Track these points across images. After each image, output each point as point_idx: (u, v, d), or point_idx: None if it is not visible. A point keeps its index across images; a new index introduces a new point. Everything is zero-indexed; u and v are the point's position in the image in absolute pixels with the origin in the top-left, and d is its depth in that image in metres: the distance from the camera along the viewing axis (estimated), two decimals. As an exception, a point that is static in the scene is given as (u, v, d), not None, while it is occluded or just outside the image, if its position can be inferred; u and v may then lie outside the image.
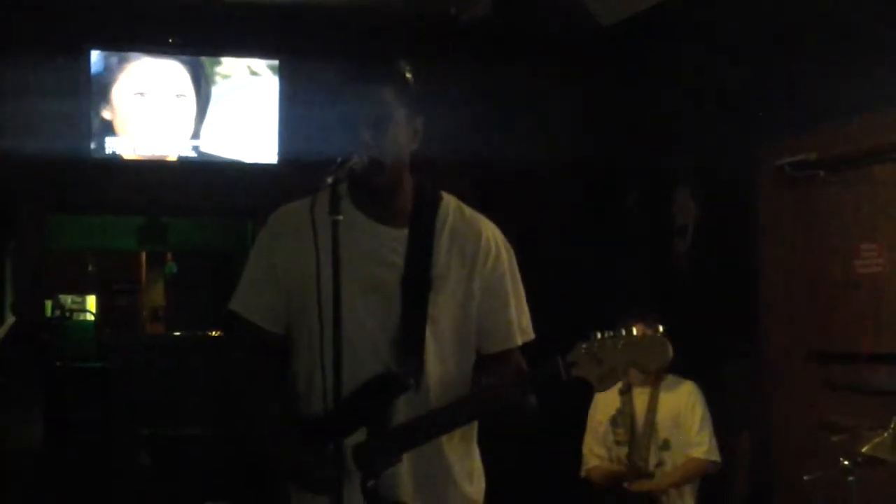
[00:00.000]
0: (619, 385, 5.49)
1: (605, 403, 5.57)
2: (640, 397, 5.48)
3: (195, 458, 6.89)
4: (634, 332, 2.54)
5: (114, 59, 6.51)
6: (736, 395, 6.16)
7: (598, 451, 5.56)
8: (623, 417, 5.48)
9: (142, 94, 6.57)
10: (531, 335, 2.88)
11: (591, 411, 5.65)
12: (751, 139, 6.18)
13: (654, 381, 5.47)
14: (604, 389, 2.59)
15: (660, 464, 5.38)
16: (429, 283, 2.73)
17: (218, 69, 6.73)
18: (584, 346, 2.57)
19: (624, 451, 5.43)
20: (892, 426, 4.17)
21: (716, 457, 5.38)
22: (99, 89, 6.49)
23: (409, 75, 2.74)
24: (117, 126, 6.53)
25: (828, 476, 4.36)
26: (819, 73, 5.68)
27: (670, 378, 5.51)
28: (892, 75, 5.22)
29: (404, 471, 2.69)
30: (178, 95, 6.64)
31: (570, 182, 7.31)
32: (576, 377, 2.57)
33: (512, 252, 2.88)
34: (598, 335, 2.56)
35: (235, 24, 6.69)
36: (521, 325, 2.86)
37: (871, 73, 5.33)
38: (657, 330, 2.55)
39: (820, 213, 5.69)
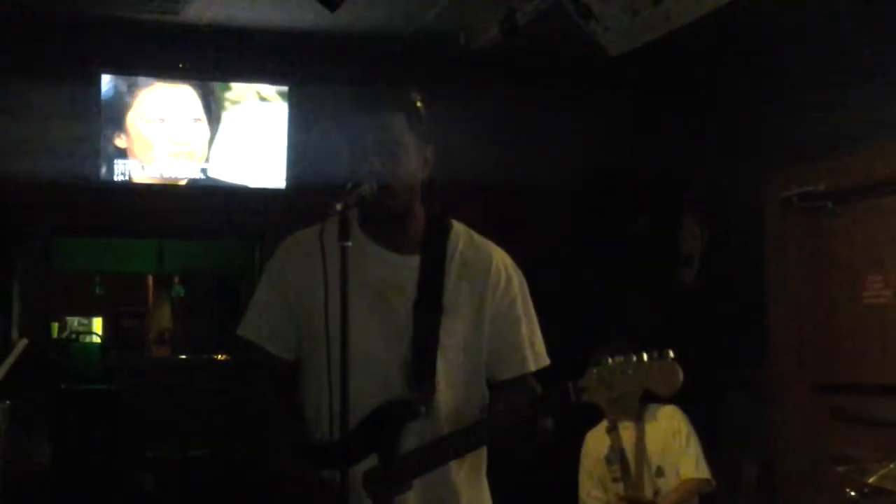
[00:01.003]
0: (606, 424, 5.52)
1: (595, 444, 5.57)
2: (627, 431, 5.47)
3: (199, 480, 6.89)
4: (645, 357, 2.54)
5: (124, 84, 6.54)
6: (742, 424, 6.15)
7: (595, 493, 5.54)
8: (615, 454, 5.47)
9: (162, 119, 6.61)
10: (546, 361, 2.87)
11: (583, 454, 5.64)
12: (758, 169, 6.19)
13: (638, 412, 5.48)
14: (615, 414, 2.61)
15: (657, 492, 5.36)
16: (440, 310, 2.73)
17: (227, 94, 6.76)
18: (595, 371, 2.58)
19: (621, 486, 5.42)
20: (898, 457, 4.16)
21: (706, 475, 5.35)
22: (111, 116, 6.51)
23: (419, 104, 2.75)
24: (132, 152, 6.56)
25: (833, 507, 4.35)
26: (827, 103, 5.69)
27: (652, 406, 5.51)
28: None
29: (413, 498, 2.69)
30: (195, 120, 6.68)
31: (577, 208, 7.32)
32: (586, 402, 2.58)
33: (523, 278, 2.89)
34: (609, 361, 2.57)
35: (245, 49, 6.72)
36: (534, 351, 2.86)
37: (880, 103, 5.34)
38: (667, 355, 2.55)
39: (827, 244, 5.70)
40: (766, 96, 6.18)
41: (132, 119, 6.55)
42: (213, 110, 6.72)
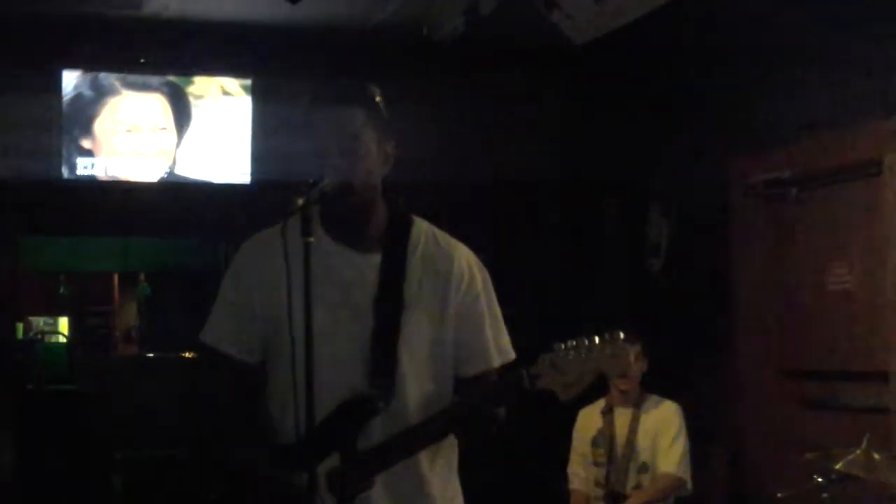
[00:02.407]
0: (602, 405, 5.50)
1: (586, 423, 5.56)
2: (622, 418, 5.45)
3: (168, 480, 6.84)
4: (596, 340, 2.57)
5: (90, 90, 6.49)
6: (710, 411, 6.17)
7: (579, 470, 5.53)
8: (603, 438, 5.45)
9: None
10: (511, 356, 2.87)
11: (575, 430, 5.63)
12: (723, 156, 6.21)
13: (636, 401, 5.46)
14: (568, 398, 2.61)
15: (638, 486, 5.34)
16: (401, 305, 2.72)
17: (191, 89, 6.72)
18: (547, 357, 2.59)
19: (601, 472, 5.40)
20: (864, 443, 4.19)
21: (685, 475, 5.33)
22: (78, 120, 6.47)
23: (378, 98, 2.74)
24: (97, 154, 6.53)
25: (801, 493, 4.37)
26: (791, 90, 5.72)
27: (653, 398, 5.49)
28: (863, 92, 5.26)
29: (382, 495, 2.67)
30: (161, 129, 6.64)
31: (545, 200, 7.32)
32: (540, 388, 2.58)
33: (486, 273, 2.88)
34: (562, 346, 2.58)
35: (208, 43, 6.68)
36: (499, 346, 2.85)
37: (843, 89, 5.37)
38: (617, 338, 2.58)
39: (792, 231, 5.72)
40: (729, 84, 6.20)
41: (99, 126, 6.53)
42: (181, 116, 6.68)
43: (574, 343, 2.58)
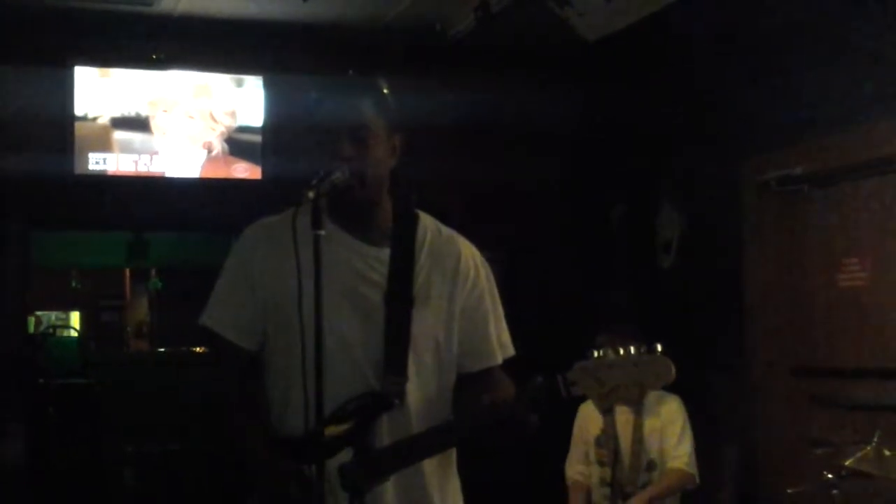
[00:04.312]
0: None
1: (587, 421, 5.50)
2: (624, 417, 5.38)
3: (179, 473, 6.87)
4: (632, 350, 2.53)
5: (102, 80, 6.53)
6: (721, 409, 6.17)
7: (578, 467, 5.50)
8: (606, 437, 5.39)
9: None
10: (511, 351, 2.87)
11: (575, 427, 5.59)
12: (735, 153, 6.20)
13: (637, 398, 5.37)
14: (605, 407, 2.58)
15: (646, 485, 5.31)
16: (411, 302, 2.71)
17: (201, 83, 6.74)
18: (583, 365, 2.55)
19: (607, 471, 5.36)
20: (875, 440, 4.18)
21: (694, 471, 5.30)
22: (89, 111, 6.50)
23: (386, 91, 2.74)
24: (108, 146, 6.55)
25: (812, 490, 4.36)
26: (803, 87, 5.70)
27: (654, 394, 5.41)
28: (876, 89, 5.25)
29: (390, 491, 2.67)
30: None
31: (555, 197, 7.32)
32: (576, 396, 2.56)
33: (489, 269, 2.87)
34: (597, 354, 2.54)
35: (220, 40, 6.70)
36: (501, 343, 2.85)
37: (855, 87, 5.35)
38: (656, 350, 2.53)
39: (804, 228, 5.71)
40: (742, 80, 6.18)
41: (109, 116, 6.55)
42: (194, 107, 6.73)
43: (611, 352, 2.53)
